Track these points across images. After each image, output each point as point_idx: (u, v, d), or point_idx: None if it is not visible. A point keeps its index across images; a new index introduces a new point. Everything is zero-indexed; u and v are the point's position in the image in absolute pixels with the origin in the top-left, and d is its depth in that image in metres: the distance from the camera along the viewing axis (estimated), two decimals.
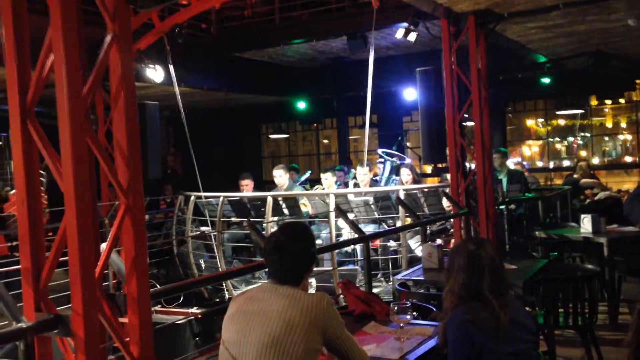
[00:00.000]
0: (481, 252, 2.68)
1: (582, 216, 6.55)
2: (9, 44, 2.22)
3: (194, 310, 6.27)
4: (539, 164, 15.02)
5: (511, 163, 10.14)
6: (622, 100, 13.64)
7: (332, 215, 6.88)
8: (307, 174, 10.57)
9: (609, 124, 14.88)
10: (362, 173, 8.02)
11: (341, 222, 7.01)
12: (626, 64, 10.86)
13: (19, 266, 2.25)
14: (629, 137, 15.18)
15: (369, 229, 7.13)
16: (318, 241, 7.26)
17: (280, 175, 8.20)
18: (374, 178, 9.01)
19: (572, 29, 8.39)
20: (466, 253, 2.71)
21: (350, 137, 14.81)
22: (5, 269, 5.01)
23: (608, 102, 13.94)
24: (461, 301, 2.66)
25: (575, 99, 12.25)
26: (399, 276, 4.81)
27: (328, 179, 8.18)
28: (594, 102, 13.55)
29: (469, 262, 2.68)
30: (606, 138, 15.79)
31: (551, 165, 14.34)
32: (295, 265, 2.49)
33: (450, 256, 2.83)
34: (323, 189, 8.21)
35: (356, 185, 8.37)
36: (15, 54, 2.21)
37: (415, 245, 6.81)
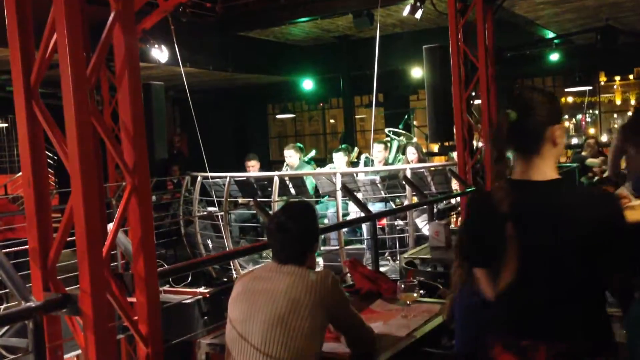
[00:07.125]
0: None
1: None
2: (11, 24, 2.20)
3: (202, 289, 6.32)
4: None
5: None
6: (631, 77, 13.50)
7: (339, 194, 6.87)
8: (312, 153, 10.53)
9: (618, 101, 14.73)
10: (377, 150, 8.00)
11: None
12: (636, 39, 10.73)
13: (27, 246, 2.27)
14: None
15: (376, 207, 7.12)
16: (325, 220, 7.27)
17: (291, 156, 8.18)
18: None
19: (581, 3, 8.30)
20: None
21: (357, 117, 14.74)
22: (13, 249, 5.05)
23: (617, 78, 13.80)
24: (469, 277, 2.66)
25: (584, 75, 12.11)
26: (406, 255, 4.82)
27: (340, 159, 8.11)
28: (602, 78, 13.41)
29: None
30: (615, 115, 15.65)
31: None
32: (298, 245, 2.49)
33: (458, 233, 2.82)
34: (335, 167, 8.17)
35: (366, 163, 8.35)
36: (18, 34, 2.20)
37: (423, 223, 6.80)
